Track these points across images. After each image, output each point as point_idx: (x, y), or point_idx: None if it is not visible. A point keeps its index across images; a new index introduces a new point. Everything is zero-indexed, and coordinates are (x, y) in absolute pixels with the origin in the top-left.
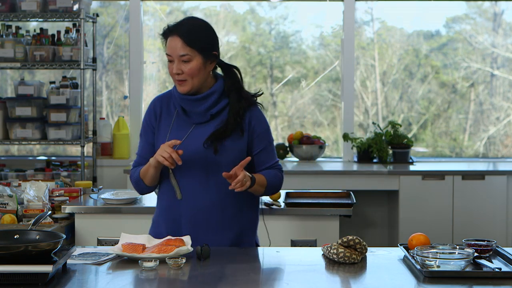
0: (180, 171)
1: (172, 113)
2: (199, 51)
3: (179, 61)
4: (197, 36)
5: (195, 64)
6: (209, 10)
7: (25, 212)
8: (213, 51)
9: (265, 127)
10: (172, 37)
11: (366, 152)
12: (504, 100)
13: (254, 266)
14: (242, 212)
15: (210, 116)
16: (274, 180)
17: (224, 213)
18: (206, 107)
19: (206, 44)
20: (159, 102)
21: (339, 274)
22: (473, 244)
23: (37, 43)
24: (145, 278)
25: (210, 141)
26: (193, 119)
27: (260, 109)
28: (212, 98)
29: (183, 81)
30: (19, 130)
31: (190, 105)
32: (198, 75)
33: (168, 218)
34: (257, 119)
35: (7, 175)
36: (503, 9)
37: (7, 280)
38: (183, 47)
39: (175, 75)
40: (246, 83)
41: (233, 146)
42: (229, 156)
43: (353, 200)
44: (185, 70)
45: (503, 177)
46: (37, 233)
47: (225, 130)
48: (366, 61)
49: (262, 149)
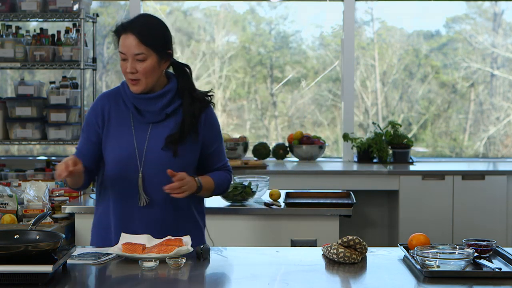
0: (128, 174)
1: (123, 112)
2: (154, 50)
3: (134, 59)
4: (152, 35)
5: (149, 63)
6: (209, 10)
7: (25, 212)
8: (168, 50)
9: (218, 128)
10: (126, 34)
11: (366, 152)
12: (504, 100)
13: (253, 266)
14: (192, 214)
15: (165, 115)
16: (222, 183)
17: (176, 214)
18: (161, 106)
19: (161, 42)
20: (107, 99)
21: (339, 274)
22: (473, 244)
23: (37, 43)
24: (145, 278)
25: (169, 144)
26: (148, 118)
27: (213, 110)
28: (167, 97)
29: (136, 80)
30: (19, 130)
31: (144, 104)
32: (152, 75)
33: (120, 222)
34: (210, 120)
35: (7, 175)
36: (503, 9)
37: (7, 280)
38: (138, 46)
39: (129, 74)
40: (246, 83)
41: (191, 148)
42: (187, 158)
43: (353, 200)
44: (139, 69)
45: (503, 177)
46: (37, 233)
47: (182, 133)
48: (366, 61)
49: (214, 150)
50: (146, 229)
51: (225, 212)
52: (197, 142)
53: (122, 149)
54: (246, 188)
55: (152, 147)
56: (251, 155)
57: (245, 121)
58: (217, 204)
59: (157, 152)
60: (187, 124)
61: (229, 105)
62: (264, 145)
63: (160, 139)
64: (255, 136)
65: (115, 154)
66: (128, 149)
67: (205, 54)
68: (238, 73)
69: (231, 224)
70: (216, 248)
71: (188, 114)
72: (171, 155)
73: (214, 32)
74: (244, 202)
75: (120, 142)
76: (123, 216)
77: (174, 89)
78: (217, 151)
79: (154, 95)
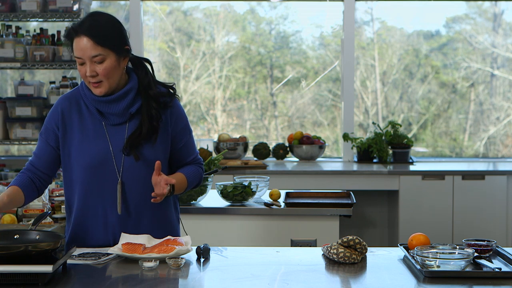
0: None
1: (84, 115)
2: (111, 49)
3: (91, 62)
4: (106, 33)
5: (109, 63)
6: (209, 10)
7: (25, 212)
8: (125, 46)
9: (185, 121)
10: (79, 37)
11: (366, 152)
12: (504, 100)
13: (253, 266)
14: (166, 213)
15: (129, 115)
16: (194, 179)
17: (150, 214)
18: (124, 106)
19: (117, 40)
20: (68, 102)
21: (339, 274)
22: (473, 244)
23: (37, 43)
24: (145, 278)
25: (129, 148)
26: (110, 120)
27: (178, 103)
28: (129, 96)
29: (98, 83)
30: (19, 130)
31: (106, 107)
32: (113, 74)
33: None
34: (176, 114)
35: (7, 175)
36: (503, 9)
37: (7, 280)
38: (93, 47)
39: (89, 78)
40: (246, 83)
41: (154, 150)
42: (150, 160)
43: (353, 200)
44: (99, 71)
45: (503, 177)
46: (37, 233)
47: (140, 134)
48: (366, 61)
49: (183, 145)
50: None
51: (225, 212)
52: (164, 140)
53: (91, 156)
54: (246, 188)
55: (118, 151)
56: (251, 155)
57: (245, 121)
58: (217, 204)
59: (122, 157)
60: (145, 125)
61: (229, 105)
62: (264, 145)
63: (120, 143)
64: (255, 136)
65: (84, 161)
66: (98, 155)
67: (205, 54)
68: (238, 73)
69: (231, 224)
70: (216, 248)
71: (146, 115)
72: (133, 159)
73: (214, 32)
74: (244, 202)
75: (87, 148)
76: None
77: (135, 87)
78: (187, 145)
79: (115, 96)
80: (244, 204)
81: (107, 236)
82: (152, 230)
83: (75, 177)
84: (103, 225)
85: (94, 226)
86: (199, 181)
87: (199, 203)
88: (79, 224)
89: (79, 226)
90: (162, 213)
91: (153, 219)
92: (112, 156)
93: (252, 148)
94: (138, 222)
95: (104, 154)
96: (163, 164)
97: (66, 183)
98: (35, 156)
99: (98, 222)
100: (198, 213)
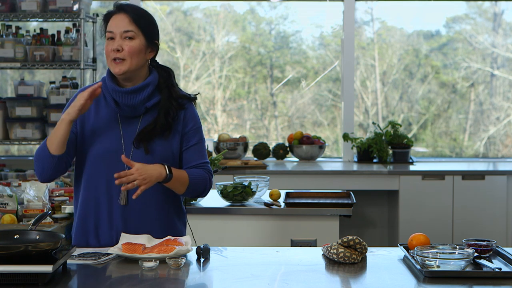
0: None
1: (101, 104)
2: (143, 32)
3: (121, 37)
4: (144, 18)
5: (136, 43)
6: (209, 10)
7: (25, 212)
8: (155, 40)
9: (197, 125)
10: (118, 14)
11: (366, 152)
12: (504, 100)
13: (253, 266)
14: (169, 212)
15: (144, 109)
16: (198, 181)
17: (154, 211)
18: (141, 99)
19: (151, 28)
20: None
21: (339, 274)
22: (473, 244)
23: (37, 43)
24: (145, 278)
25: (139, 140)
26: (125, 112)
27: (194, 107)
28: (147, 91)
29: (121, 60)
30: (19, 130)
31: (123, 98)
32: (137, 56)
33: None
34: (190, 116)
35: (7, 175)
36: (503, 9)
37: (7, 280)
38: (129, 23)
39: (114, 53)
40: (246, 83)
41: (164, 146)
42: (159, 156)
43: (353, 200)
44: (125, 47)
45: (503, 177)
46: (37, 233)
47: (154, 129)
48: (366, 61)
49: (191, 146)
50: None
51: (225, 212)
52: (174, 140)
53: (102, 144)
54: (246, 188)
55: (129, 143)
56: (251, 155)
57: (245, 121)
58: (217, 204)
59: (131, 149)
60: (160, 120)
61: (229, 105)
62: (264, 145)
63: (132, 136)
64: (255, 136)
65: (95, 149)
66: (109, 144)
67: (205, 54)
68: (238, 73)
69: (231, 224)
70: (216, 248)
71: (163, 110)
72: (143, 152)
73: (214, 32)
74: (244, 202)
75: (100, 137)
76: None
77: (154, 82)
78: (196, 148)
79: (133, 88)
80: (244, 204)
81: (111, 230)
82: (154, 227)
83: (84, 164)
84: (107, 215)
85: (99, 216)
86: (204, 186)
87: (199, 203)
88: (85, 214)
89: (85, 215)
90: (165, 212)
91: (156, 215)
92: (122, 147)
93: (252, 148)
94: (141, 215)
95: (115, 144)
96: (170, 163)
97: (77, 172)
98: None
99: (103, 212)
100: (198, 213)
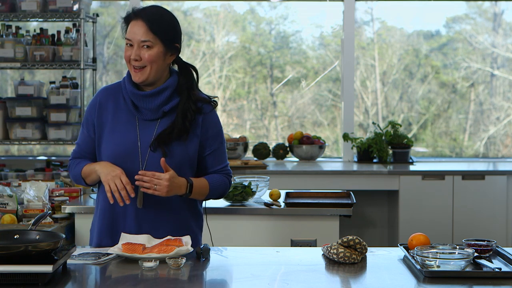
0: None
1: (120, 106)
2: (161, 40)
3: (139, 46)
4: (161, 24)
5: (154, 52)
6: (209, 10)
7: (25, 212)
8: (175, 43)
9: (217, 129)
10: (135, 21)
11: (366, 152)
12: (504, 100)
13: (253, 266)
14: (185, 215)
15: (162, 113)
16: (218, 187)
17: (169, 214)
18: (159, 103)
19: (170, 33)
20: (106, 94)
21: (339, 274)
22: (473, 244)
23: (37, 43)
24: (145, 278)
25: (157, 144)
26: (144, 115)
27: (214, 111)
28: (165, 94)
29: (140, 68)
30: (19, 130)
31: (142, 101)
32: (157, 64)
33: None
34: (210, 121)
35: (7, 175)
36: (503, 9)
37: (7, 280)
38: (146, 33)
39: (132, 61)
40: (246, 83)
41: (182, 149)
42: (177, 159)
43: (353, 200)
44: (143, 56)
45: (503, 177)
46: (37, 233)
47: (171, 132)
48: (366, 61)
49: (212, 152)
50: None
51: (225, 212)
52: (192, 144)
53: (118, 146)
54: (246, 188)
55: (145, 146)
56: (251, 155)
57: (245, 121)
58: (217, 204)
59: (147, 152)
60: (177, 123)
61: (229, 105)
62: (264, 145)
63: (149, 138)
64: (255, 136)
65: (111, 151)
66: (125, 147)
67: (205, 54)
68: (238, 73)
69: (231, 224)
70: (216, 248)
71: (181, 113)
72: (160, 155)
73: (214, 32)
74: (244, 202)
75: (116, 138)
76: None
77: (173, 86)
78: (216, 153)
79: (152, 91)
80: (244, 204)
81: (125, 232)
82: (169, 230)
83: None
84: (122, 217)
85: (114, 217)
86: (224, 190)
87: None
88: (103, 215)
89: (103, 216)
90: (180, 216)
91: (171, 218)
92: (138, 150)
93: (252, 148)
94: (156, 219)
95: (131, 147)
96: (187, 166)
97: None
98: (78, 146)
99: (118, 214)
100: None
